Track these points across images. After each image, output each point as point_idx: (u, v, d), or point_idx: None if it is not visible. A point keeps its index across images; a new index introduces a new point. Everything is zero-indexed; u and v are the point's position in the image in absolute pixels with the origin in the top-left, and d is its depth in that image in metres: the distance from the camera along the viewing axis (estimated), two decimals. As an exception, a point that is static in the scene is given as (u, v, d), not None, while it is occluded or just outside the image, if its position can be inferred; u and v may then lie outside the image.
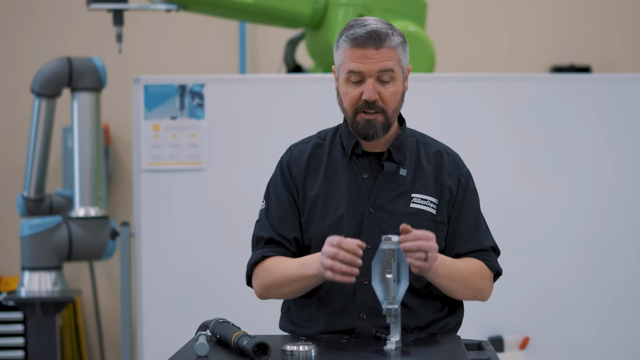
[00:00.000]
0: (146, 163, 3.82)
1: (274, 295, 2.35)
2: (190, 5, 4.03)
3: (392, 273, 2.04)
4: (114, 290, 5.50)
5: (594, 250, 3.89)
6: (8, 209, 5.39)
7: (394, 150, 2.35)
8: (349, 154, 2.35)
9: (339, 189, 2.33)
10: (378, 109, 2.28)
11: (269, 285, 2.32)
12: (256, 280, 2.36)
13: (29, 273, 4.26)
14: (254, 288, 2.38)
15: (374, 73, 2.26)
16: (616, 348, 3.89)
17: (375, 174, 2.34)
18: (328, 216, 2.32)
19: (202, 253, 3.80)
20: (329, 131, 2.44)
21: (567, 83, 3.97)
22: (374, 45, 2.25)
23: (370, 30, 2.26)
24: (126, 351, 3.90)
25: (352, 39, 2.26)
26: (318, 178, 2.36)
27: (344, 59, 2.29)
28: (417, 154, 2.39)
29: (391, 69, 2.28)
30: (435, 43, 4.54)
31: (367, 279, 2.26)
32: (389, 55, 2.28)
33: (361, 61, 2.26)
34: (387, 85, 2.29)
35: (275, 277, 2.30)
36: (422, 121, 3.86)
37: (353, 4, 4.03)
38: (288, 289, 2.30)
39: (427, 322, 2.34)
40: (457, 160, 2.45)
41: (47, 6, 5.60)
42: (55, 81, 4.27)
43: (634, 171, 3.92)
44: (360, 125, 2.29)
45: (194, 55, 5.64)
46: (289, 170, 2.39)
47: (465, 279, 2.31)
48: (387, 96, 2.29)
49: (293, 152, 2.42)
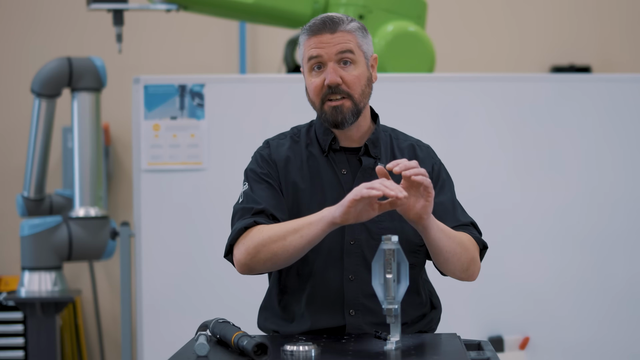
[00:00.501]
0: (146, 163, 3.82)
1: (262, 256, 2.18)
2: (190, 5, 4.03)
3: (392, 273, 2.04)
4: (114, 290, 5.50)
5: (593, 250, 3.89)
6: (8, 209, 5.39)
7: (371, 145, 2.35)
8: (325, 149, 2.35)
9: (320, 185, 2.33)
10: (343, 93, 2.28)
11: (260, 243, 2.18)
12: (242, 246, 2.22)
13: (29, 273, 4.26)
14: (235, 257, 2.23)
15: (332, 56, 2.27)
16: (616, 348, 3.89)
17: (354, 170, 2.34)
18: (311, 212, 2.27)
19: (202, 253, 3.80)
20: (302, 127, 2.44)
21: (567, 83, 3.97)
22: (329, 30, 2.28)
23: (325, 16, 2.30)
24: (126, 351, 3.90)
25: (308, 29, 2.30)
26: (300, 171, 2.34)
27: (303, 51, 2.31)
28: (391, 148, 2.40)
29: (350, 49, 2.28)
30: (435, 43, 4.54)
31: (353, 275, 2.27)
32: (346, 38, 2.29)
33: (318, 46, 2.27)
34: (348, 68, 2.29)
35: (271, 232, 2.18)
36: (422, 121, 3.88)
37: (353, 4, 4.03)
38: (283, 244, 2.16)
39: (413, 318, 2.34)
40: (429, 151, 2.45)
41: (47, 6, 5.60)
42: (55, 81, 4.27)
43: (634, 171, 3.92)
44: (328, 113, 2.29)
45: (194, 55, 5.65)
46: (269, 157, 2.37)
47: (460, 239, 2.26)
48: (351, 79, 2.29)
49: (272, 144, 2.41)
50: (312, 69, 2.30)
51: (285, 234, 2.17)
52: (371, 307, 2.29)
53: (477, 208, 3.85)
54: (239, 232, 2.24)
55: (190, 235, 3.81)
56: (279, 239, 2.17)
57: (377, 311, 2.27)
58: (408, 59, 4.07)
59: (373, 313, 2.29)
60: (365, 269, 2.26)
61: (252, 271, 2.24)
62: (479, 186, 3.88)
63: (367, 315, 2.29)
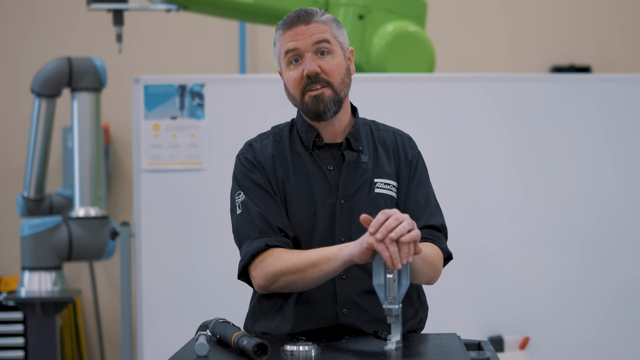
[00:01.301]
0: (146, 163, 3.81)
1: (281, 283, 2.22)
2: (190, 5, 4.03)
3: (393, 273, 2.04)
4: (114, 290, 5.50)
5: (594, 251, 3.89)
6: (8, 209, 5.39)
7: (352, 138, 2.35)
8: (310, 147, 2.34)
9: (308, 183, 2.32)
10: (323, 81, 2.28)
11: (279, 272, 2.20)
12: (260, 270, 2.23)
13: (29, 273, 4.26)
14: (254, 279, 2.26)
15: (309, 47, 2.27)
16: (616, 348, 3.89)
17: (339, 165, 2.33)
18: (302, 210, 2.29)
19: (202, 253, 3.80)
20: (283, 126, 2.43)
21: (568, 83, 3.97)
22: (304, 22, 2.28)
23: (297, 10, 2.30)
24: (126, 351, 3.90)
25: (282, 24, 2.30)
26: (287, 170, 2.33)
27: (279, 46, 2.31)
28: (373, 140, 2.39)
29: (326, 39, 2.28)
30: (435, 43, 4.54)
31: (345, 273, 2.26)
32: (321, 28, 2.28)
33: (294, 39, 2.27)
34: (326, 58, 2.29)
35: (289, 263, 2.20)
36: (423, 121, 3.88)
37: (353, 4, 4.03)
38: (302, 275, 2.19)
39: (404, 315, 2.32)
40: (410, 141, 2.44)
41: (47, 6, 5.60)
42: (55, 81, 4.27)
43: (635, 171, 3.92)
44: (310, 104, 2.28)
45: (194, 55, 5.65)
46: (255, 160, 2.35)
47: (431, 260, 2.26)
48: (330, 67, 2.28)
49: (255, 147, 2.38)
50: (289, 62, 2.29)
51: (304, 267, 2.19)
52: (365, 305, 2.28)
53: (477, 208, 3.87)
54: (252, 257, 2.26)
55: (190, 235, 3.81)
56: (298, 271, 2.19)
57: (371, 309, 2.28)
58: (408, 59, 4.07)
59: (367, 311, 2.28)
60: (357, 267, 2.25)
61: (271, 292, 2.28)
62: (479, 186, 3.88)
63: (361, 314, 2.28)
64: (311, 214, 2.30)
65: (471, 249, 3.83)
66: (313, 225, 2.29)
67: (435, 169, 3.90)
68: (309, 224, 2.29)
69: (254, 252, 2.25)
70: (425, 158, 2.45)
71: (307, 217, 2.30)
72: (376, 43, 4.02)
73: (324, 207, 2.30)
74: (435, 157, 3.81)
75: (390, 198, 2.33)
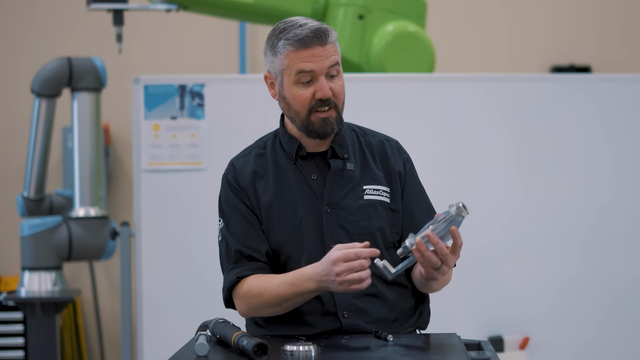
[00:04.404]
0: (146, 163, 3.82)
1: (262, 314, 2.31)
2: (190, 5, 4.03)
3: (438, 230, 2.10)
4: (114, 290, 5.50)
5: (594, 250, 3.89)
6: (8, 209, 5.39)
7: (337, 146, 2.34)
8: (293, 157, 2.34)
9: (291, 194, 2.32)
10: (332, 104, 2.28)
11: (257, 306, 2.28)
12: (240, 302, 2.32)
13: (29, 273, 4.26)
14: (237, 309, 2.34)
15: (324, 70, 2.26)
16: (616, 348, 3.89)
17: (324, 174, 2.33)
18: (286, 223, 2.30)
19: (202, 253, 3.80)
20: (267, 138, 2.42)
21: (568, 83, 3.97)
22: (320, 43, 2.25)
23: (314, 29, 2.26)
24: (126, 351, 3.90)
25: (297, 41, 2.25)
26: (268, 185, 2.33)
27: (288, 62, 2.27)
28: (360, 146, 2.39)
29: (338, 62, 2.29)
30: (435, 43, 4.54)
31: None
32: (334, 49, 2.29)
33: (311, 60, 2.25)
34: (335, 79, 2.29)
35: (263, 298, 2.26)
36: (423, 121, 3.88)
37: (353, 4, 4.03)
38: (279, 308, 2.26)
39: (404, 312, 2.34)
40: (398, 146, 2.45)
41: (47, 6, 5.60)
42: (55, 81, 4.27)
43: (635, 171, 3.92)
44: (317, 125, 2.28)
45: (194, 55, 5.65)
46: (236, 182, 2.36)
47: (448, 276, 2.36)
48: (338, 90, 2.29)
49: (236, 166, 2.39)
50: (299, 81, 2.27)
51: (280, 302, 2.25)
52: (363, 307, 2.29)
53: (478, 208, 3.86)
54: (229, 291, 2.34)
55: (190, 235, 3.81)
56: (274, 305, 2.26)
57: (370, 311, 2.28)
58: (408, 59, 4.06)
59: (366, 313, 2.29)
60: None
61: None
62: (479, 186, 3.88)
63: (361, 316, 2.28)
64: (296, 225, 2.30)
65: (471, 249, 3.81)
66: (300, 236, 2.30)
67: (435, 169, 3.93)
68: (295, 236, 2.30)
69: (229, 286, 2.33)
70: (426, 158, 2.46)
71: (292, 230, 2.30)
72: (376, 43, 4.02)
73: (310, 217, 2.30)
74: (435, 157, 3.82)
75: (380, 203, 2.33)
